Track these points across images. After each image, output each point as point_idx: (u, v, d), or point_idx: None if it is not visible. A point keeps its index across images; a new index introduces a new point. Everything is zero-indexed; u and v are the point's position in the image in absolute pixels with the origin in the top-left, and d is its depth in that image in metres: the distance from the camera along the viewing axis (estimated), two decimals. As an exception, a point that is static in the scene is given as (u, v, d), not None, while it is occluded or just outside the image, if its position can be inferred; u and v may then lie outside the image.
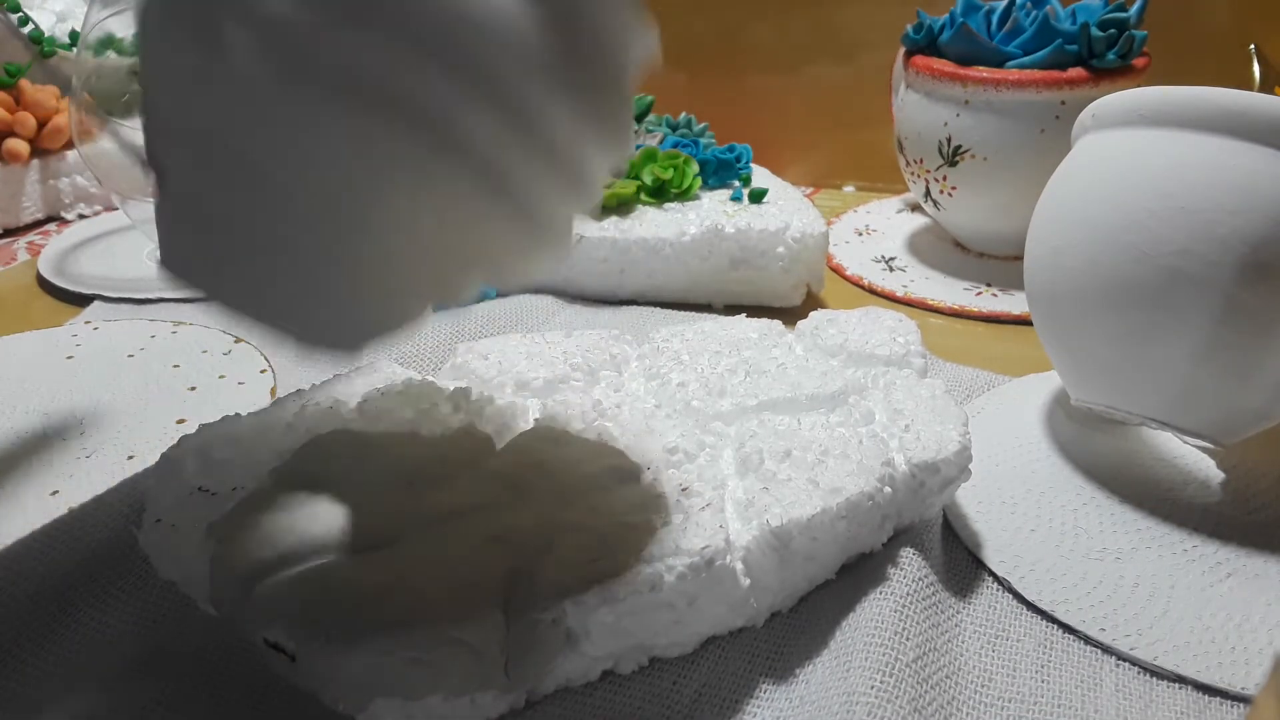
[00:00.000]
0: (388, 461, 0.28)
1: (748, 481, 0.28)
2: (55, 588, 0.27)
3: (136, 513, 0.29)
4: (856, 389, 0.33)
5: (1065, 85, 0.49)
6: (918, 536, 0.31)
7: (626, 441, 0.30)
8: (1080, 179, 0.33)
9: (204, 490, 0.28)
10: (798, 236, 0.48)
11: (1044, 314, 0.35)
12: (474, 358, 0.35)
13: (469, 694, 0.24)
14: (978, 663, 0.28)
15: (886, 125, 0.60)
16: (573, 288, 0.51)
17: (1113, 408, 0.33)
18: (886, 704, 0.24)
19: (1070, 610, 0.29)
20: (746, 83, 0.76)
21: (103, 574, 0.28)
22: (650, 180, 0.52)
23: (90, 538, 0.28)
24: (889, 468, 0.29)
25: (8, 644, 0.26)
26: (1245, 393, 0.30)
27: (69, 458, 0.37)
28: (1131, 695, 0.27)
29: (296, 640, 0.23)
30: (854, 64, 0.71)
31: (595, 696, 0.26)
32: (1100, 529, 0.32)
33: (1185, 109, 0.30)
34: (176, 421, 0.40)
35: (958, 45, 0.52)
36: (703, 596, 0.25)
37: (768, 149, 0.65)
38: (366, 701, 0.23)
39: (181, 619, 0.28)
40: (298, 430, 0.30)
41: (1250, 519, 0.32)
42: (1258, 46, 0.58)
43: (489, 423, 0.31)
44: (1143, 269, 0.30)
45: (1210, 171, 0.29)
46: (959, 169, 0.53)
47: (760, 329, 0.37)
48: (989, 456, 0.36)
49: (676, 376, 0.34)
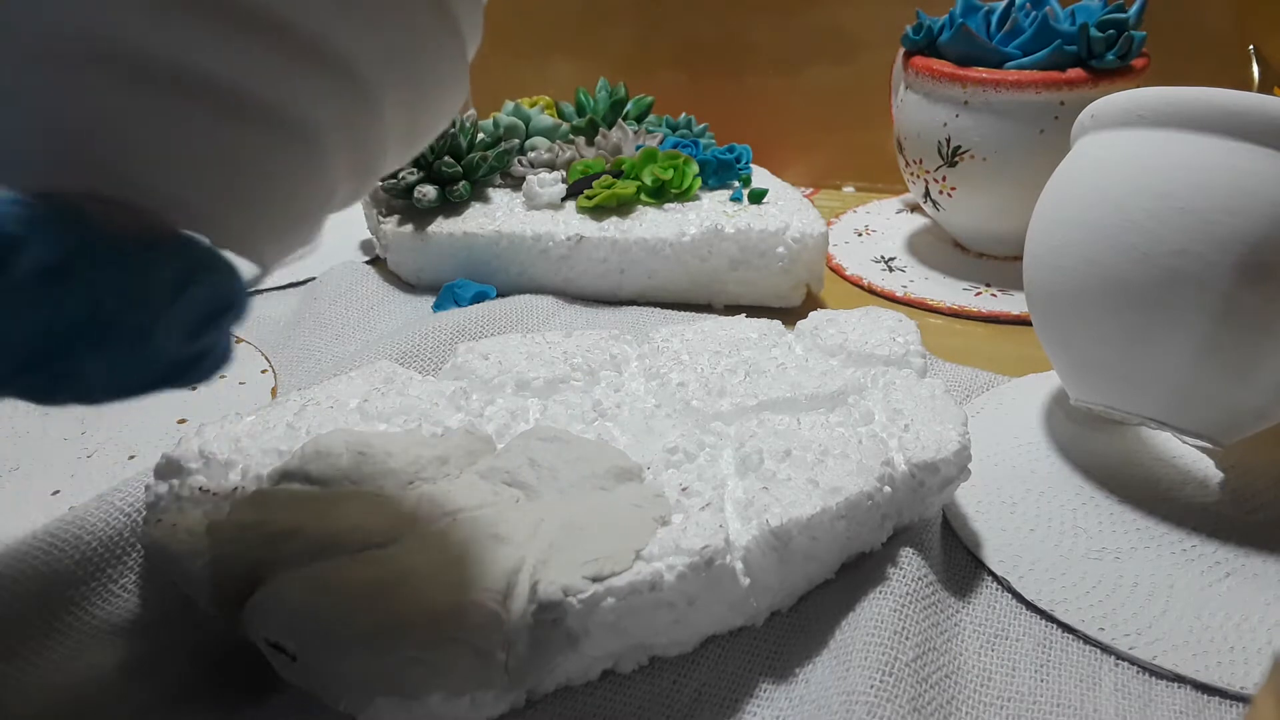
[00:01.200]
0: (388, 461, 0.28)
1: (747, 481, 0.28)
2: (56, 587, 0.27)
3: (137, 512, 0.29)
4: (856, 389, 0.33)
5: (1064, 86, 0.49)
6: (917, 536, 0.31)
7: (626, 441, 0.30)
8: (1079, 179, 0.33)
9: (204, 490, 0.28)
10: (797, 237, 0.48)
11: (1043, 314, 0.35)
12: (474, 358, 0.35)
13: (469, 694, 0.24)
14: (977, 662, 0.28)
15: (886, 126, 0.60)
16: (573, 288, 0.51)
17: (1112, 408, 0.33)
18: (886, 703, 0.24)
19: (1069, 610, 0.29)
20: (746, 83, 0.76)
21: (103, 574, 0.28)
22: (650, 180, 0.52)
23: (91, 537, 0.28)
24: (888, 467, 0.29)
25: (9, 643, 0.26)
26: (1244, 393, 0.30)
27: (69, 458, 0.37)
28: (1130, 694, 0.27)
29: (297, 640, 0.23)
30: (854, 64, 0.72)
31: (595, 696, 0.26)
32: (1099, 529, 0.32)
33: (1184, 109, 0.30)
34: (177, 421, 0.40)
35: (957, 46, 0.52)
36: (703, 596, 0.25)
37: (768, 149, 0.65)
38: (366, 701, 0.23)
39: (182, 619, 0.28)
40: (298, 430, 0.30)
41: (1249, 519, 0.32)
42: (1257, 47, 0.58)
43: (489, 423, 0.32)
44: (1141, 269, 0.30)
45: (1209, 172, 0.29)
46: (958, 169, 0.53)
47: (760, 329, 0.38)
48: (988, 456, 0.36)
49: (676, 376, 0.34)
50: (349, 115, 0.18)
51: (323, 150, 0.18)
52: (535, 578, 0.24)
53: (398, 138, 0.20)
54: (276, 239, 0.19)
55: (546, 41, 0.80)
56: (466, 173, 0.53)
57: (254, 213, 0.18)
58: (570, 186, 0.53)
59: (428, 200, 0.52)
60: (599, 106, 0.61)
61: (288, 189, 0.18)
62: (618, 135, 0.56)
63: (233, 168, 0.17)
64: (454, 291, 0.50)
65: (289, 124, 0.17)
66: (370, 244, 0.60)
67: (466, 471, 0.29)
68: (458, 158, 0.53)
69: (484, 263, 0.52)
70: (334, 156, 0.18)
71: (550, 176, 0.53)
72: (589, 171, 0.54)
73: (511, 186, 0.55)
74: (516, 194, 0.54)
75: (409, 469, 0.28)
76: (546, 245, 0.50)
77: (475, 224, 0.51)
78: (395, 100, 0.19)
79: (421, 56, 0.19)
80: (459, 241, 0.51)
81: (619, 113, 0.61)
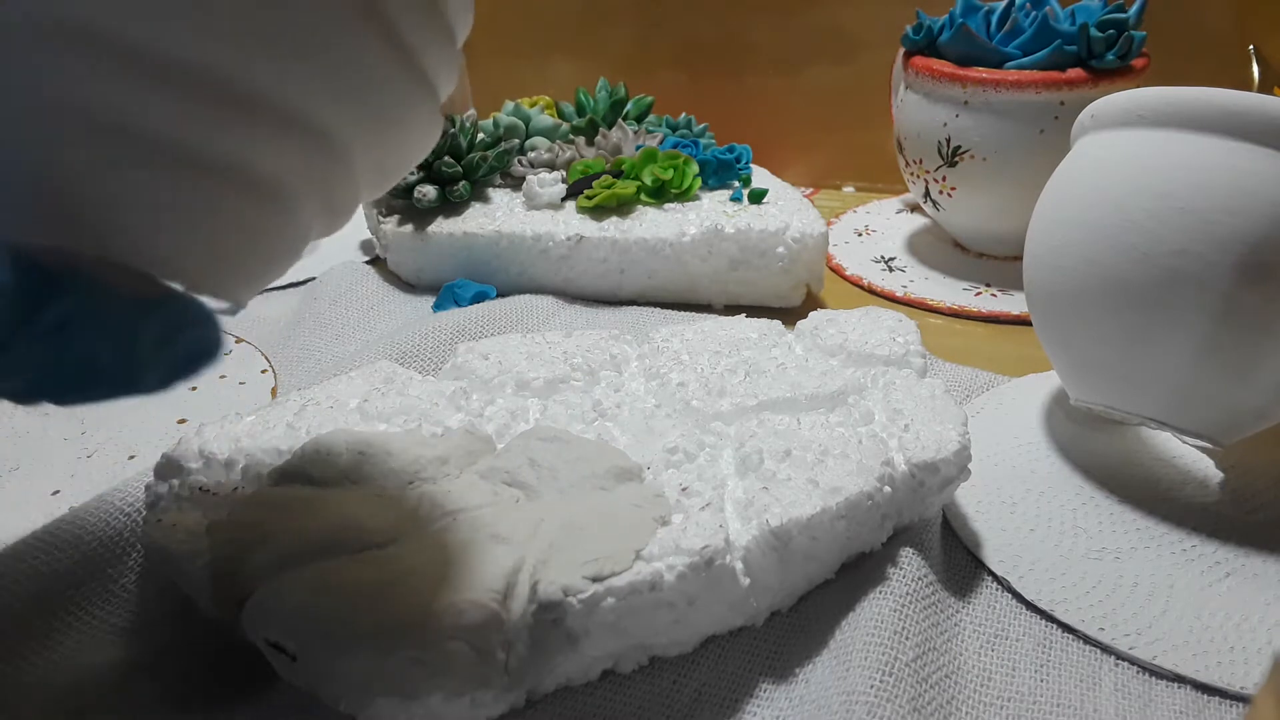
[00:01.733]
0: (388, 461, 0.28)
1: (747, 481, 0.28)
2: (56, 587, 0.27)
3: (137, 512, 0.29)
4: (856, 389, 0.33)
5: (1064, 86, 0.49)
6: (917, 536, 0.31)
7: (626, 441, 0.30)
8: (1079, 179, 0.33)
9: (204, 490, 0.28)
10: (797, 237, 0.48)
11: (1043, 314, 0.35)
12: (474, 358, 0.35)
13: (469, 694, 0.24)
14: (977, 662, 0.28)
15: (886, 126, 0.60)
16: (573, 288, 0.51)
17: (1112, 408, 0.33)
18: (886, 703, 0.24)
19: (1069, 609, 0.29)
20: (746, 83, 0.76)
21: (103, 574, 0.28)
22: (650, 180, 0.52)
23: (91, 537, 0.28)
24: (888, 467, 0.29)
25: (9, 643, 0.26)
26: (1244, 393, 0.30)
27: (69, 458, 0.37)
28: (1130, 694, 0.27)
29: (297, 640, 0.23)
30: (854, 64, 0.72)
31: (595, 696, 0.26)
32: (1099, 528, 0.32)
33: (1184, 109, 0.30)
34: (177, 421, 0.40)
35: (957, 46, 0.52)
36: (703, 596, 0.25)
37: (768, 149, 0.65)
38: (366, 701, 0.23)
39: (182, 619, 0.28)
40: (298, 430, 0.30)
41: (1249, 519, 0.32)
42: (1257, 47, 0.58)
43: (489, 423, 0.32)
44: (1141, 269, 0.30)
45: (1209, 172, 0.29)
46: (958, 169, 0.53)
47: (760, 329, 0.38)
48: (988, 456, 0.36)
49: (676, 376, 0.34)
50: (323, 172, 0.19)
51: (297, 204, 0.19)
52: (535, 578, 0.24)
53: (367, 180, 0.21)
54: (251, 283, 0.20)
55: (546, 41, 0.80)
56: (466, 173, 0.53)
57: (231, 264, 0.19)
58: (570, 186, 0.53)
59: (428, 200, 0.52)
60: (599, 106, 0.61)
61: (263, 241, 0.19)
62: (618, 135, 0.56)
63: (211, 228, 0.18)
64: (454, 291, 0.50)
65: (266, 186, 0.18)
66: (370, 244, 0.60)
67: (466, 471, 0.29)
68: (458, 158, 0.53)
69: (484, 263, 0.52)
70: (307, 207, 0.19)
71: (550, 176, 0.53)
72: (589, 171, 0.54)
73: (511, 186, 0.55)
74: (516, 194, 0.54)
75: (409, 469, 0.28)
76: (546, 245, 0.50)
77: (475, 224, 0.51)
78: (366, 152, 0.20)
79: (393, 112, 0.19)
80: (459, 241, 0.51)
81: (619, 113, 0.61)
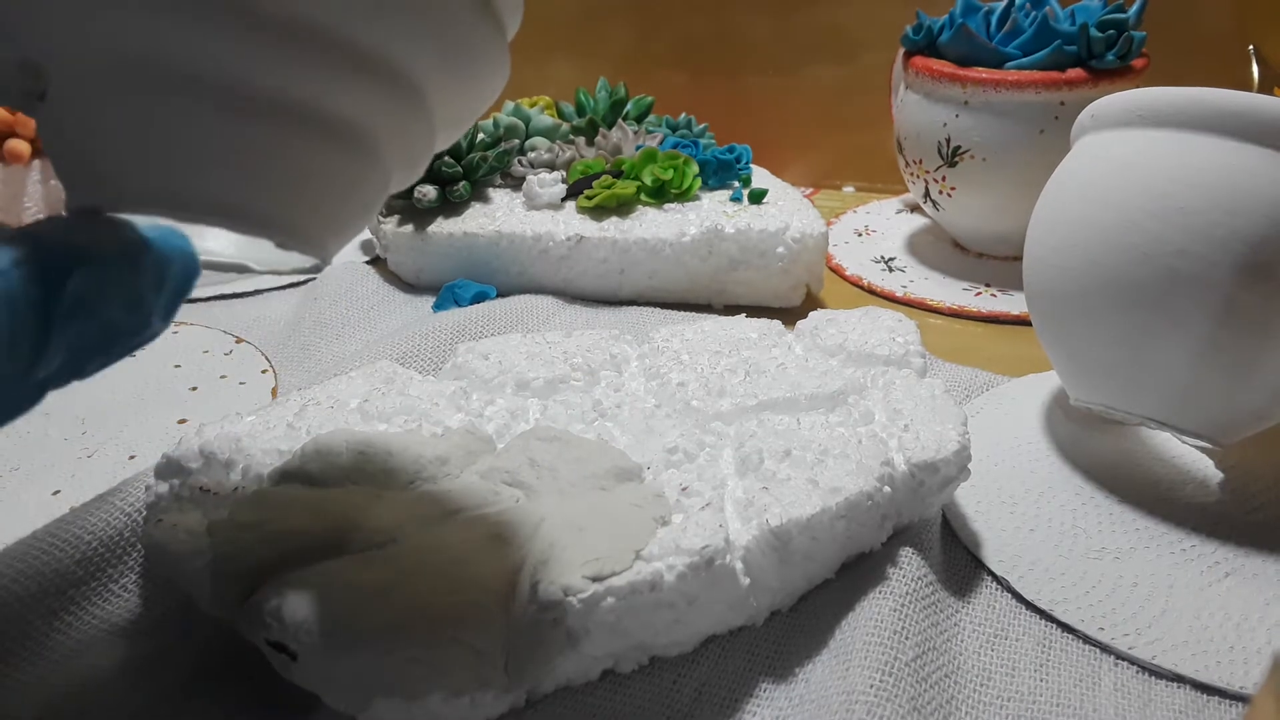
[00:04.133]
0: (388, 461, 0.28)
1: (747, 481, 0.28)
2: (56, 587, 0.27)
3: (137, 512, 0.29)
4: (856, 389, 0.33)
5: (1064, 86, 0.49)
6: (917, 536, 0.31)
7: (626, 441, 0.30)
8: (1079, 180, 0.33)
9: (204, 490, 0.28)
10: (797, 237, 0.48)
11: (1043, 314, 0.35)
12: (474, 358, 0.35)
13: (469, 694, 0.24)
14: (977, 662, 0.28)
15: (886, 126, 0.60)
16: (573, 288, 0.51)
17: (1112, 408, 0.33)
18: (886, 703, 0.24)
19: (1069, 609, 0.29)
20: (746, 83, 0.76)
21: (104, 574, 0.28)
22: (650, 181, 0.52)
23: (91, 537, 0.28)
24: (888, 467, 0.29)
25: (9, 643, 0.26)
26: (1244, 393, 0.30)
27: (70, 458, 0.37)
28: (1130, 694, 0.27)
29: (297, 640, 0.23)
30: (854, 64, 0.72)
31: (595, 696, 0.26)
32: (1099, 528, 0.32)
33: (1184, 110, 0.30)
34: (178, 421, 0.40)
35: (957, 46, 0.52)
36: (703, 596, 0.25)
37: (768, 149, 0.65)
38: (366, 701, 0.23)
39: (182, 619, 0.28)
40: (298, 430, 0.30)
41: (1249, 519, 0.32)
42: (1257, 47, 0.58)
43: (489, 423, 0.32)
44: (1141, 269, 0.30)
45: (1209, 172, 0.29)
46: (958, 169, 0.53)
47: (760, 329, 0.38)
48: (988, 456, 0.36)
49: (676, 376, 0.34)
50: (403, 119, 0.19)
51: (380, 153, 0.19)
52: (535, 578, 0.24)
53: (444, 127, 0.21)
54: (339, 234, 0.20)
55: (546, 41, 0.80)
56: (466, 173, 0.53)
57: (321, 216, 0.19)
58: (570, 186, 0.53)
59: (428, 200, 0.52)
60: (599, 106, 0.61)
61: (350, 191, 0.20)
62: (618, 135, 0.57)
63: (303, 180, 0.18)
64: (454, 291, 0.50)
65: (352, 135, 0.18)
66: (370, 244, 0.60)
67: (466, 471, 0.29)
68: (458, 158, 0.53)
69: (484, 263, 0.52)
70: (389, 156, 0.20)
71: (550, 177, 0.53)
72: (589, 171, 0.54)
73: (511, 186, 0.55)
74: (516, 194, 0.54)
75: (409, 469, 0.28)
76: (546, 245, 0.50)
77: (475, 224, 0.51)
78: (442, 97, 0.20)
79: (467, 55, 0.20)
80: (459, 241, 0.51)
81: (619, 113, 0.61)
